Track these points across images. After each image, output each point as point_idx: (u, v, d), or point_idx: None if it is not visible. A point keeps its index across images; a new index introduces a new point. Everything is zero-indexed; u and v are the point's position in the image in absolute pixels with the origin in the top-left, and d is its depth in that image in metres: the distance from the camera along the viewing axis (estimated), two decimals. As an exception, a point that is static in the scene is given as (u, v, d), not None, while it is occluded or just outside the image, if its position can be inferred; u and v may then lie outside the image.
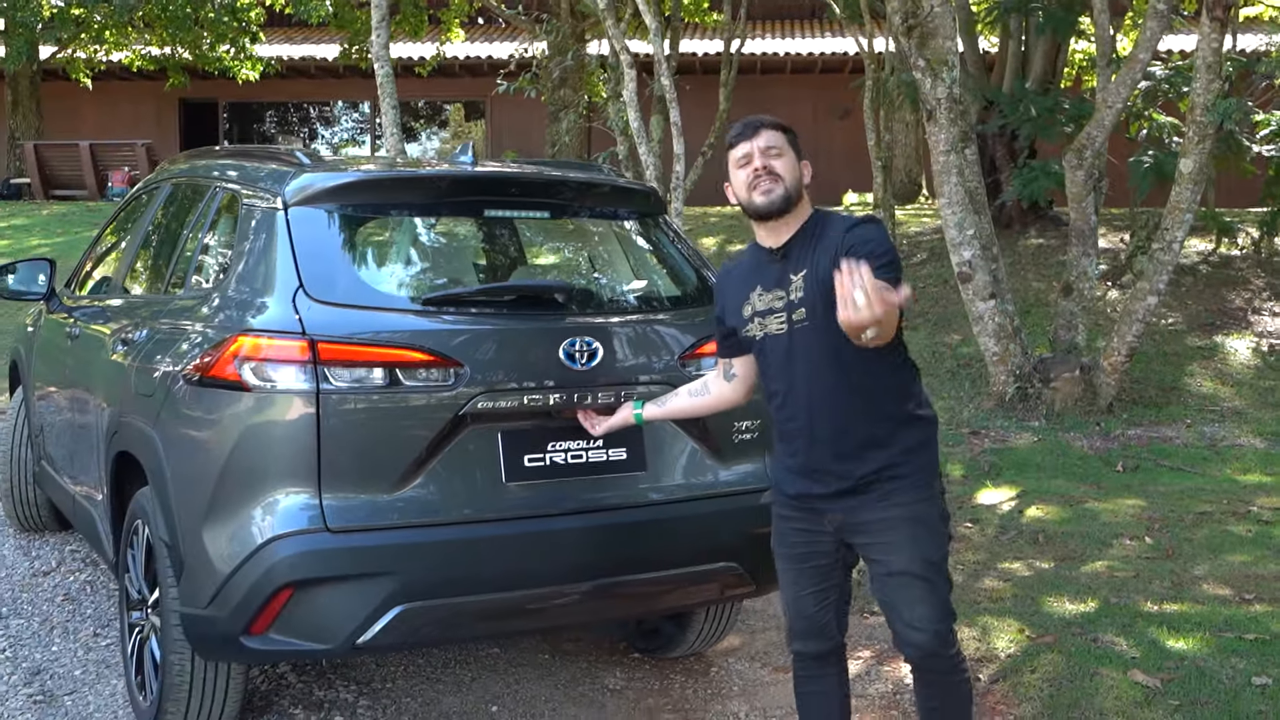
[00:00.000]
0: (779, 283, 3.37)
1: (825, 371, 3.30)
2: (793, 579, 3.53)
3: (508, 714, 4.45)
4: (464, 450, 3.73)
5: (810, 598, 3.51)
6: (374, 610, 3.60)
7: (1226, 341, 10.81)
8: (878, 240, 3.26)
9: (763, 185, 3.34)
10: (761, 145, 3.36)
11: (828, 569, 3.48)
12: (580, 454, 3.91)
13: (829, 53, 23.00)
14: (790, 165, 3.37)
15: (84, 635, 5.10)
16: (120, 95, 24.92)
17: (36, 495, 6.32)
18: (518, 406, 3.79)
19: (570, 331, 3.91)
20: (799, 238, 3.38)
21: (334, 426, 3.59)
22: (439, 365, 3.70)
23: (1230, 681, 4.50)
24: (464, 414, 3.71)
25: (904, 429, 3.33)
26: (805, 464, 3.38)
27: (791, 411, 3.39)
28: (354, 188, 4.07)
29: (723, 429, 4.12)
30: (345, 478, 3.60)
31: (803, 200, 3.40)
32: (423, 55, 22.28)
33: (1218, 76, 8.43)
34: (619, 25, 10.62)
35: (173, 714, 3.97)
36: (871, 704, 4.61)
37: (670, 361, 4.10)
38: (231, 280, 4.01)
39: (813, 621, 3.53)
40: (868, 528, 3.34)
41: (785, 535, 3.53)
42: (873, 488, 3.31)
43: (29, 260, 5.98)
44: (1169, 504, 7.14)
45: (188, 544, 3.75)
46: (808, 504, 3.42)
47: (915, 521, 3.31)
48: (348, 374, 3.61)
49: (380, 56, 10.21)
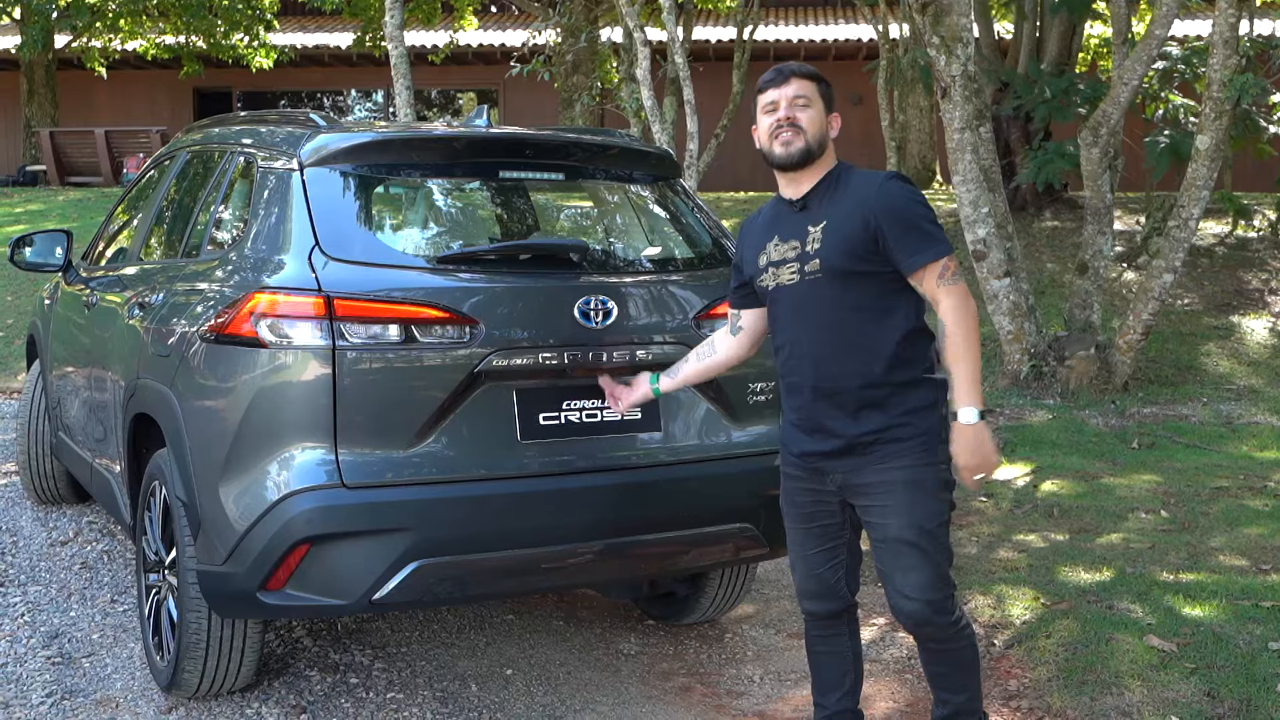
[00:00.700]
0: (796, 233, 3.38)
1: (832, 326, 3.31)
2: (800, 538, 3.54)
3: (522, 678, 4.46)
4: (479, 408, 3.74)
5: (818, 556, 3.52)
6: (390, 566, 3.61)
7: (1243, 322, 10.78)
8: (913, 203, 3.29)
9: (783, 136, 3.34)
10: (790, 94, 3.36)
11: (835, 528, 3.49)
12: (595, 413, 3.91)
13: (842, 39, 22.95)
14: (815, 117, 3.36)
15: (101, 601, 5.12)
16: (135, 84, 25.01)
17: (54, 468, 6.34)
18: (533, 364, 3.80)
19: (585, 290, 3.91)
20: (819, 190, 3.38)
21: (350, 383, 3.60)
22: (454, 323, 3.71)
23: (1247, 646, 4.49)
24: (479, 371, 3.71)
25: (908, 391, 3.30)
26: (807, 419, 3.39)
27: (796, 364, 3.40)
28: (369, 148, 4.08)
29: (737, 390, 4.12)
30: (361, 434, 3.61)
31: (826, 153, 3.39)
32: (436, 43, 22.29)
33: (1234, 52, 8.40)
34: (633, 5, 10.61)
35: (189, 673, 3.99)
36: (886, 669, 4.61)
37: (684, 322, 4.09)
38: (248, 241, 4.02)
39: (822, 581, 3.53)
40: (867, 490, 3.34)
41: (792, 495, 3.54)
42: (872, 449, 3.30)
43: (46, 232, 5.99)
44: (1185, 479, 7.11)
45: (205, 501, 3.76)
46: (811, 462, 3.43)
47: (913, 486, 3.28)
48: (363, 331, 3.62)
49: (394, 37, 10.22)
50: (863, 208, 3.26)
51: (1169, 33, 9.03)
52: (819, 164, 3.38)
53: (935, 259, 3.25)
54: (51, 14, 20.42)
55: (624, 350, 3.95)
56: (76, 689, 4.27)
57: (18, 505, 6.55)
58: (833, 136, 3.42)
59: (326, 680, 4.35)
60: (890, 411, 3.29)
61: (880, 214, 3.24)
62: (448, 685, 4.36)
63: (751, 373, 4.07)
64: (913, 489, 3.28)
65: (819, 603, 3.56)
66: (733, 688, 4.46)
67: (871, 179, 3.34)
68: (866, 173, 3.40)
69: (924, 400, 3.32)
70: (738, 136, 19.45)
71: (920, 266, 3.25)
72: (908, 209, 3.26)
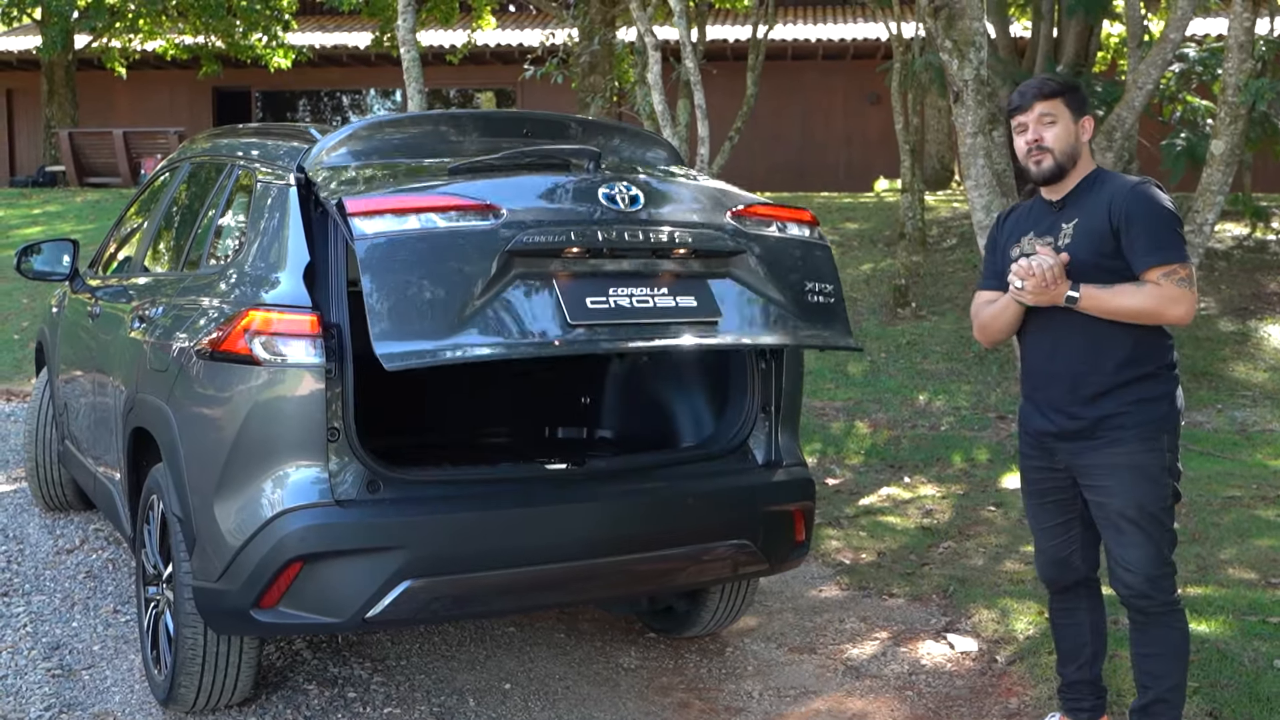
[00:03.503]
0: (1050, 230, 3.62)
1: (1073, 317, 3.53)
2: (1035, 513, 3.83)
3: (520, 692, 4.45)
4: (521, 291, 3.54)
5: (1051, 531, 3.78)
6: (383, 585, 3.60)
7: (1260, 327, 10.68)
8: (1158, 207, 3.48)
9: (1034, 156, 3.62)
10: (1034, 116, 3.61)
11: (1067, 503, 3.72)
12: (646, 299, 3.71)
13: (860, 39, 22.84)
14: (1062, 132, 3.59)
15: (104, 611, 5.13)
16: (154, 84, 25.08)
17: (61, 474, 6.36)
18: (563, 241, 3.59)
19: (607, 181, 3.80)
20: (1076, 191, 3.62)
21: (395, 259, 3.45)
22: (478, 210, 3.58)
23: (1252, 664, 4.44)
24: (511, 251, 3.52)
25: (1138, 383, 3.54)
26: (1043, 401, 3.66)
27: (1037, 350, 3.68)
28: (358, 136, 4.07)
29: (796, 288, 3.95)
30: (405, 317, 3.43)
31: (1082, 158, 3.62)
32: (454, 43, 22.29)
33: (1250, 56, 8.32)
34: (645, 9, 10.58)
35: (186, 687, 3.99)
36: (887, 684, 4.58)
37: (720, 218, 3.94)
38: (246, 256, 4.02)
39: (1055, 554, 3.79)
40: (1091, 471, 3.59)
41: (1026, 472, 3.83)
42: (1100, 434, 3.55)
43: (53, 241, 6.03)
44: (1197, 488, 7.06)
45: (199, 518, 3.77)
46: (1041, 442, 3.70)
47: (1135, 470, 3.53)
48: (395, 222, 3.51)
49: (407, 41, 10.21)
50: (1111, 207, 3.51)
51: (1184, 36, 8.95)
52: (1076, 170, 3.62)
53: (1164, 263, 3.45)
54: (71, 15, 20.49)
55: (660, 230, 3.76)
56: (75, 702, 4.27)
57: (26, 512, 6.58)
58: (1085, 140, 3.62)
59: (324, 695, 4.34)
60: (1122, 398, 3.53)
61: (1125, 214, 3.48)
62: (445, 700, 4.35)
63: (811, 271, 4.00)
64: (1136, 471, 3.53)
65: (1053, 575, 3.82)
66: (731, 703, 4.43)
67: (1125, 182, 3.57)
68: (1122, 177, 3.64)
69: (1152, 392, 3.55)
70: (752, 138, 19.42)
71: (1149, 267, 3.45)
72: (1152, 212, 3.48)
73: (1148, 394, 3.54)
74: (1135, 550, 3.53)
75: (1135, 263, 3.47)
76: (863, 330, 10.86)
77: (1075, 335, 3.56)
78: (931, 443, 8.46)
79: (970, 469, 7.88)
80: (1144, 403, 3.53)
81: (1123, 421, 3.52)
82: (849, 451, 8.34)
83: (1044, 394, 3.67)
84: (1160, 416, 3.55)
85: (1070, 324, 3.55)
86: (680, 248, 3.77)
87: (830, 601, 5.48)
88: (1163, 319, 3.50)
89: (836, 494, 7.28)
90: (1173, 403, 3.59)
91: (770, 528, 4.24)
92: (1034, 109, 3.60)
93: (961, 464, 8.01)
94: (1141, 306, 3.46)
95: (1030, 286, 3.51)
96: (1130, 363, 3.53)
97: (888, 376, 9.93)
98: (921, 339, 10.59)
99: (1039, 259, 3.51)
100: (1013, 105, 3.66)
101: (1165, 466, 3.56)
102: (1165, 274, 3.44)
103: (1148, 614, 3.60)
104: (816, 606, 5.40)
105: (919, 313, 11.11)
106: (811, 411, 8.97)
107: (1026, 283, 3.51)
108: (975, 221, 8.88)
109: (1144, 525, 3.53)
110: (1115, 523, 3.56)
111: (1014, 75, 12.70)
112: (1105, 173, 3.66)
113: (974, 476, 7.68)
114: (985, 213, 8.73)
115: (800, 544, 4.37)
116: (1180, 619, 3.62)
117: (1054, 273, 3.48)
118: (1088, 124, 3.63)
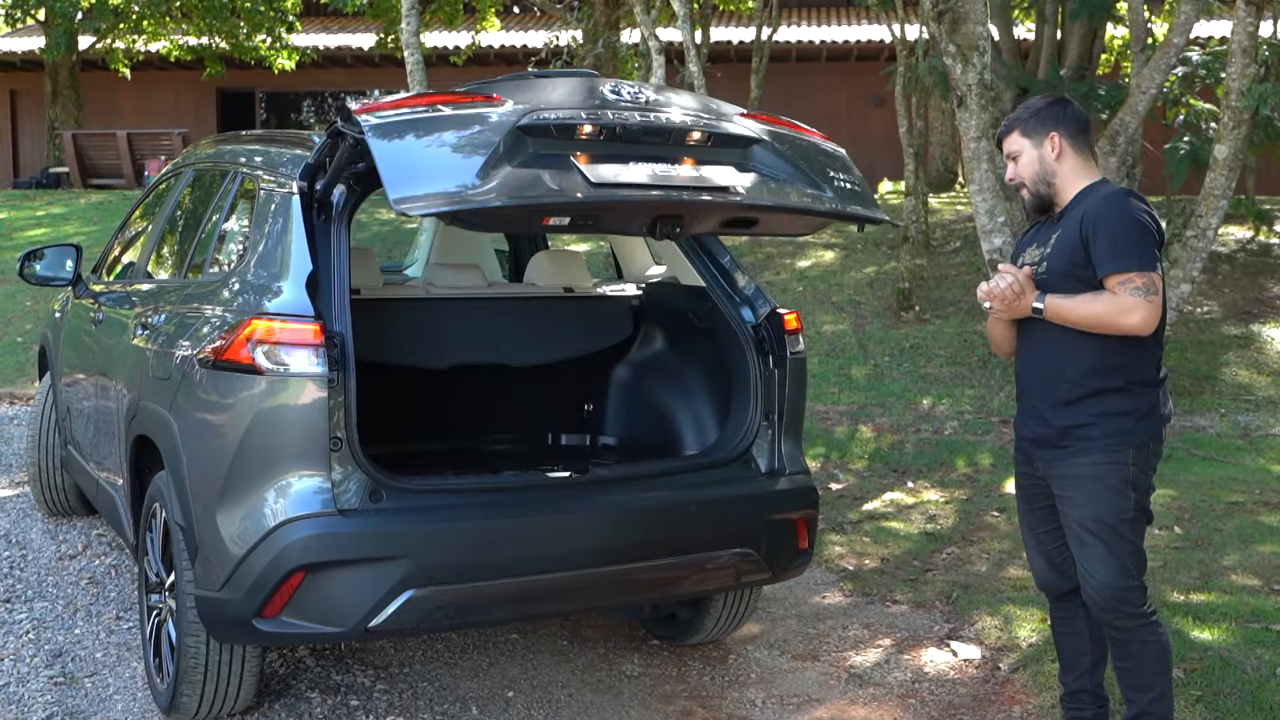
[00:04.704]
0: (1043, 241, 3.70)
1: (1044, 326, 3.60)
2: (1025, 518, 3.87)
3: (523, 700, 4.45)
4: (538, 164, 3.46)
5: (1041, 537, 3.80)
6: (385, 594, 3.60)
7: (1263, 330, 10.67)
8: (1126, 216, 3.48)
9: (1019, 191, 3.78)
10: (1005, 155, 3.75)
11: (1053, 510, 3.72)
12: (668, 173, 3.66)
13: (864, 40, 22.84)
14: (1025, 164, 3.68)
15: (106, 618, 5.13)
16: (158, 85, 25.09)
17: (63, 480, 6.36)
18: (574, 120, 3.55)
19: (615, 83, 3.79)
20: (1071, 204, 3.65)
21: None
22: (484, 100, 3.54)
23: (1255, 673, 4.44)
24: (524, 125, 3.47)
25: (1106, 395, 3.54)
26: (1025, 407, 3.74)
27: (1019, 357, 3.77)
28: None
29: (819, 171, 3.95)
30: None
31: (1066, 174, 3.64)
32: (458, 45, 22.29)
33: (1253, 61, 8.32)
34: (649, 12, 10.58)
35: (188, 696, 3.99)
36: (890, 692, 4.58)
37: (731, 114, 3.93)
38: (248, 264, 4.02)
39: (1049, 560, 3.80)
40: (1059, 480, 3.62)
41: (1018, 479, 3.88)
42: (1066, 442, 3.58)
43: (56, 246, 6.03)
44: (1200, 493, 7.05)
45: (202, 527, 3.76)
46: (1023, 448, 3.77)
47: (1097, 480, 3.54)
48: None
49: (410, 44, 10.23)
50: (1084, 217, 3.54)
51: (1187, 40, 8.94)
52: (1065, 187, 3.65)
53: (1119, 271, 3.45)
54: (75, 16, 20.50)
55: (674, 117, 3.74)
56: (77, 710, 4.27)
57: (29, 517, 6.58)
58: (1054, 157, 3.63)
59: (327, 702, 4.34)
60: (1087, 410, 3.55)
61: (1093, 223, 3.51)
62: (448, 708, 4.35)
63: (831, 164, 4.01)
64: (1098, 483, 3.53)
65: (1050, 582, 3.83)
66: (734, 711, 4.43)
67: (1101, 193, 3.60)
68: (1110, 188, 3.65)
69: (1120, 406, 3.54)
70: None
71: (1107, 275, 3.46)
72: (1115, 221, 3.48)
73: (1115, 408, 3.54)
74: (1098, 563, 3.55)
75: (1098, 271, 3.49)
76: (866, 334, 10.86)
77: (1046, 344, 3.62)
78: (935, 447, 8.46)
79: (974, 474, 7.88)
80: (1110, 416, 3.53)
81: (1088, 432, 3.54)
82: (852, 456, 8.33)
83: (1025, 400, 3.74)
84: (1127, 430, 3.54)
85: (1043, 333, 3.61)
86: (697, 132, 3.75)
87: (833, 608, 5.47)
88: (1117, 328, 3.46)
89: (840, 499, 7.27)
90: (1142, 418, 3.56)
91: (773, 536, 4.24)
92: (1003, 146, 3.75)
93: (965, 469, 8.01)
94: (1094, 314, 3.47)
95: (995, 306, 3.61)
96: (1095, 373, 3.53)
97: (891, 380, 9.92)
98: (925, 343, 10.58)
99: (998, 278, 3.59)
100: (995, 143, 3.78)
101: (1128, 480, 3.55)
102: (1120, 282, 3.44)
103: (1118, 628, 3.58)
104: (819, 613, 5.40)
105: (923, 316, 11.10)
106: (815, 415, 8.96)
107: (991, 303, 3.61)
108: (979, 226, 8.88)
109: (1103, 537, 3.53)
110: (1078, 534, 3.59)
111: (1018, 79, 12.70)
112: (1101, 186, 3.66)
113: (977, 481, 7.68)
114: (989, 217, 8.73)
115: (803, 552, 4.37)
116: (1153, 632, 3.59)
117: (1014, 289, 3.54)
118: (1055, 140, 3.63)
